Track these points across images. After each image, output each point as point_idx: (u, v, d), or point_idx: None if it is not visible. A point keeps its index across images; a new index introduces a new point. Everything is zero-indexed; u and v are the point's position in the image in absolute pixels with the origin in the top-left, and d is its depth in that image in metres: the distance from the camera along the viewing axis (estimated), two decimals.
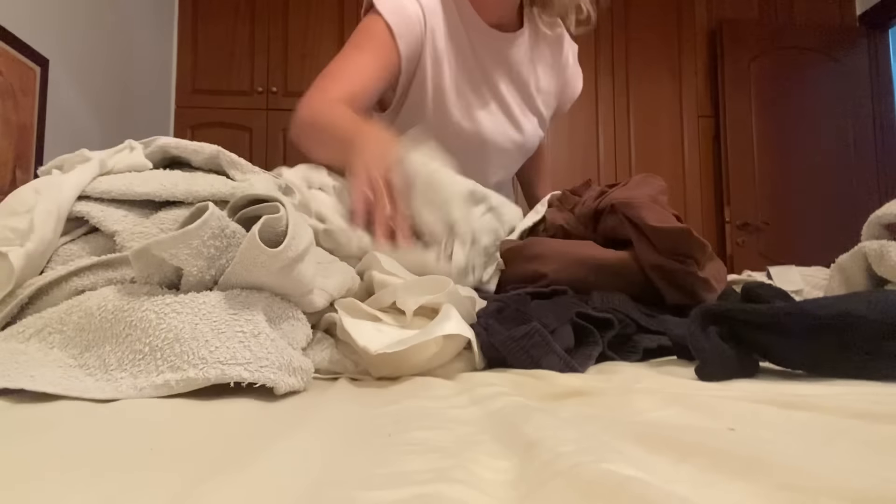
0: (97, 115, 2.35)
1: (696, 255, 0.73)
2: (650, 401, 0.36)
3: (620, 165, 3.09)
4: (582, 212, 0.87)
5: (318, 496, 0.21)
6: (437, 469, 0.24)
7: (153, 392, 0.39)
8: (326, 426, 0.33)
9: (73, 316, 0.45)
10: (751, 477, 0.21)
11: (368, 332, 0.52)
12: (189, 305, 0.42)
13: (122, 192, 0.56)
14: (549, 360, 0.54)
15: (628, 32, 3.14)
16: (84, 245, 0.55)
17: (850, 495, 0.18)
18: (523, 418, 0.31)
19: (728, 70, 3.07)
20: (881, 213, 0.68)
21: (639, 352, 0.64)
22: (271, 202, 0.47)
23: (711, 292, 0.73)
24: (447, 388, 0.46)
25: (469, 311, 0.62)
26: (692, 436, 0.26)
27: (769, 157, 3.06)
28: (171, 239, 0.43)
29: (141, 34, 2.68)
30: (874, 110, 3.16)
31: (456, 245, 0.68)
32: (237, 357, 0.40)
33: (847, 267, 0.67)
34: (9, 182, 1.95)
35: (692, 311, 0.49)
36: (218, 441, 0.31)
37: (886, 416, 0.29)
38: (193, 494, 0.21)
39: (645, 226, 0.73)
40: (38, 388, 0.38)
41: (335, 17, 2.98)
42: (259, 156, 2.84)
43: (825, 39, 3.15)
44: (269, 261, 0.43)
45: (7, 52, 1.87)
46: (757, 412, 0.32)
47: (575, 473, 0.20)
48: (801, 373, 0.48)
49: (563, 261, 0.77)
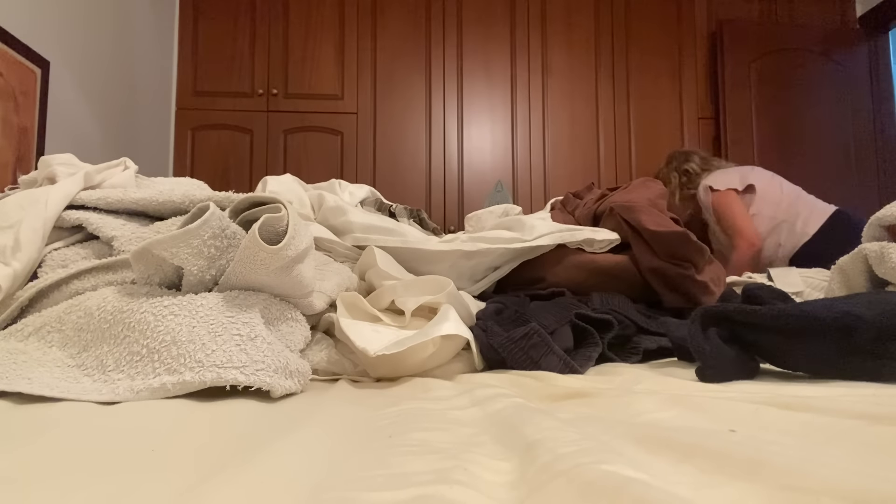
0: (98, 116, 2.35)
1: (694, 259, 0.73)
2: (651, 402, 0.36)
3: (620, 167, 3.09)
4: (582, 213, 0.87)
5: (318, 497, 0.21)
6: (438, 470, 0.23)
7: (150, 395, 0.39)
8: (327, 427, 0.33)
9: (73, 315, 0.45)
10: (752, 478, 0.20)
11: (366, 333, 0.51)
12: (187, 308, 0.42)
13: (119, 198, 0.56)
14: (548, 361, 0.54)
15: (628, 34, 3.14)
16: (80, 250, 0.55)
17: (850, 495, 0.18)
18: (523, 419, 0.31)
19: (728, 71, 3.07)
20: (881, 215, 0.68)
21: (639, 353, 0.64)
22: (272, 204, 0.48)
23: (709, 296, 0.73)
24: (447, 389, 0.46)
25: (468, 313, 0.62)
26: (693, 437, 0.26)
27: (769, 158, 3.06)
28: (171, 238, 0.43)
29: (142, 36, 2.68)
30: (874, 112, 3.16)
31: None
32: (233, 360, 0.40)
33: (847, 269, 0.66)
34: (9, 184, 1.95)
35: (693, 313, 0.49)
36: (219, 442, 0.30)
37: (886, 418, 0.29)
38: (195, 494, 0.21)
39: (643, 230, 0.73)
40: (35, 391, 0.38)
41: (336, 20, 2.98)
42: (260, 157, 2.84)
43: (825, 41, 3.15)
44: (269, 258, 0.43)
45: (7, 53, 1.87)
46: (757, 413, 0.32)
47: (575, 474, 0.20)
48: (801, 374, 0.48)
49: (562, 264, 0.77)
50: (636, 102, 3.12)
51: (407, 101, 3.02)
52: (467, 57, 3.07)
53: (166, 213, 0.58)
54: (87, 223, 0.55)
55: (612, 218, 0.79)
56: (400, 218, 0.85)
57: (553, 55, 3.08)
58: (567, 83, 3.09)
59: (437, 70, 3.03)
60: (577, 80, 3.09)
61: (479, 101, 3.06)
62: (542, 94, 3.08)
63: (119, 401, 0.38)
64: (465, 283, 0.76)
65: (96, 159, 0.68)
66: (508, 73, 3.06)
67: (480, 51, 3.06)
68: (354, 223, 0.75)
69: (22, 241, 0.50)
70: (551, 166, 3.06)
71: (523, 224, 0.81)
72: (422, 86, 3.03)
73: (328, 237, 0.73)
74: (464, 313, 0.59)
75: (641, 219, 0.74)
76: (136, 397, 0.38)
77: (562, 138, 3.07)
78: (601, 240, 0.77)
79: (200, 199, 0.56)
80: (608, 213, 0.80)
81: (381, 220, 0.78)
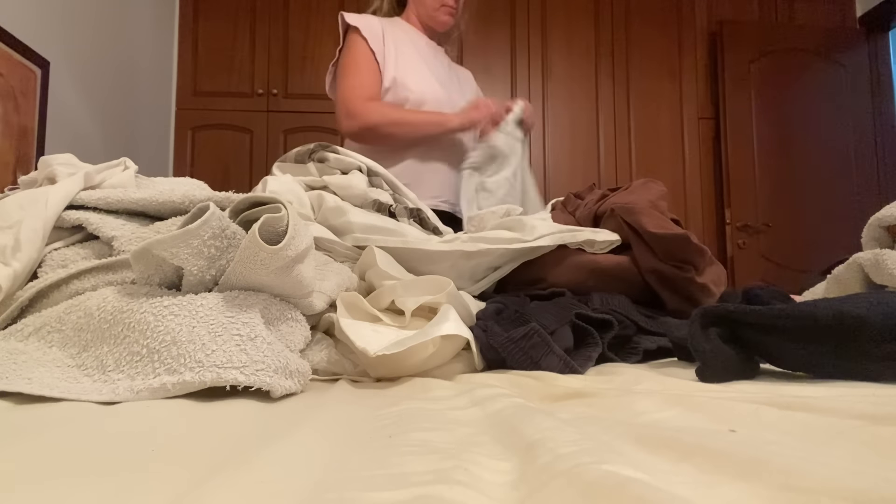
0: (98, 116, 2.35)
1: (694, 261, 0.73)
2: (651, 402, 0.36)
3: (621, 167, 3.09)
4: (583, 214, 0.87)
5: (318, 497, 0.21)
6: (438, 470, 0.23)
7: (150, 395, 0.39)
8: (327, 427, 0.33)
9: (73, 315, 0.45)
10: (752, 478, 0.20)
11: (366, 333, 0.51)
12: (187, 308, 0.42)
13: (119, 198, 0.56)
14: (548, 361, 0.54)
15: (628, 34, 3.14)
16: (79, 250, 0.55)
17: (850, 495, 0.18)
18: (523, 419, 0.31)
19: (728, 71, 3.07)
20: (881, 216, 0.68)
21: (639, 353, 0.64)
22: (272, 204, 0.48)
23: (710, 297, 0.73)
24: (447, 389, 0.46)
25: (468, 312, 0.62)
26: (693, 437, 0.26)
27: (770, 158, 3.06)
28: (171, 238, 0.43)
29: (142, 36, 2.68)
30: (874, 112, 3.16)
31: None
32: (233, 360, 0.40)
33: (844, 278, 0.66)
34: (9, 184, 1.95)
35: (693, 313, 0.49)
36: (219, 442, 0.30)
37: (886, 418, 0.29)
38: (195, 494, 0.21)
39: (644, 231, 0.73)
40: (35, 391, 0.38)
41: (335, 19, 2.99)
42: (259, 157, 2.84)
43: (825, 41, 3.15)
44: (269, 258, 0.43)
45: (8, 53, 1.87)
46: (757, 413, 0.32)
47: (575, 474, 0.20)
48: (801, 374, 0.48)
49: (563, 264, 0.77)
50: (636, 103, 3.12)
51: None
52: (467, 57, 3.07)
53: (166, 213, 0.58)
54: (87, 223, 0.55)
55: (613, 219, 0.79)
56: (400, 218, 0.85)
57: (553, 56, 3.08)
58: (567, 84, 3.09)
59: None
60: (577, 81, 3.09)
61: None
62: (543, 94, 3.08)
63: (119, 401, 0.38)
64: (466, 283, 0.76)
65: (96, 159, 0.68)
66: (508, 74, 3.06)
67: (480, 51, 3.06)
68: (354, 223, 0.75)
69: (22, 241, 0.50)
70: (551, 166, 3.06)
71: (524, 224, 0.81)
72: None
73: (328, 237, 0.73)
74: (464, 313, 0.59)
75: (642, 220, 0.74)
76: (136, 397, 0.38)
77: (562, 138, 3.07)
78: (602, 240, 0.77)
79: (200, 199, 0.56)
80: (609, 213, 0.80)
81: (381, 221, 0.78)
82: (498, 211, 0.96)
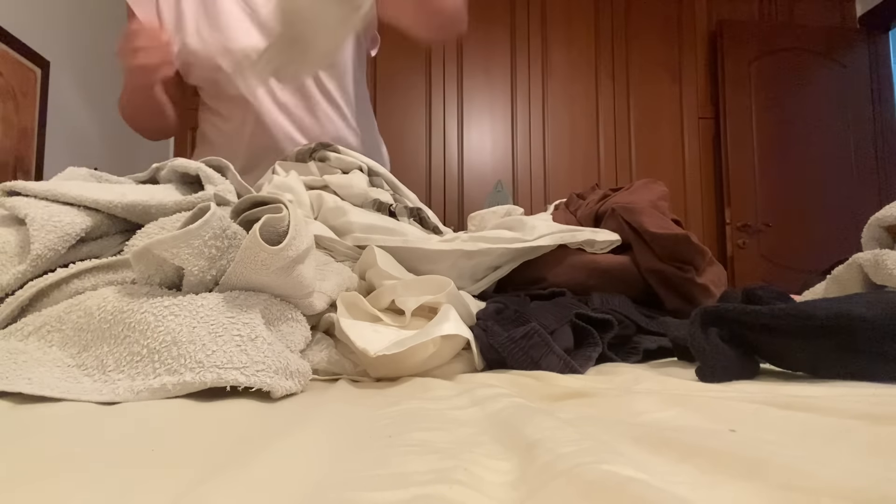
0: (98, 117, 2.35)
1: (695, 262, 0.73)
2: (651, 402, 0.36)
3: (621, 167, 3.09)
4: (583, 214, 0.87)
5: (318, 497, 0.21)
6: (438, 470, 0.23)
7: (150, 395, 0.39)
8: (326, 427, 0.33)
9: (73, 315, 0.45)
10: (752, 478, 0.21)
11: (366, 333, 0.51)
12: (187, 308, 0.42)
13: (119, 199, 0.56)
14: (548, 361, 0.54)
15: (628, 34, 3.14)
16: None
17: (850, 495, 0.18)
18: (523, 419, 0.31)
19: (728, 71, 3.07)
20: (881, 216, 0.68)
21: (639, 353, 0.64)
22: (274, 204, 0.48)
23: (710, 297, 0.73)
24: (447, 389, 0.46)
25: (469, 312, 0.62)
26: (693, 437, 0.26)
27: (770, 158, 3.06)
28: (172, 238, 0.43)
29: None
30: (874, 111, 3.16)
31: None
32: (234, 361, 0.40)
33: (844, 278, 0.66)
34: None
35: (693, 313, 0.49)
36: (219, 442, 0.31)
37: (887, 417, 0.29)
38: (195, 494, 0.21)
39: (644, 231, 0.73)
40: (35, 391, 0.38)
41: None
42: None
43: (825, 41, 3.15)
44: (270, 259, 0.43)
45: (8, 53, 1.87)
46: (757, 413, 0.32)
47: (575, 474, 0.20)
48: (801, 374, 0.48)
49: (563, 264, 0.77)
50: (636, 102, 3.12)
51: (407, 102, 3.02)
52: (467, 57, 3.07)
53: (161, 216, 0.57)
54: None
55: (614, 219, 0.79)
56: (400, 217, 0.85)
57: (553, 55, 3.08)
58: (567, 83, 3.09)
59: (437, 70, 3.03)
60: (577, 80, 3.09)
61: (479, 101, 3.06)
62: (542, 93, 3.08)
63: (119, 401, 0.38)
64: (466, 283, 0.76)
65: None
66: (508, 73, 3.06)
67: (480, 51, 3.05)
68: (355, 223, 0.76)
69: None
70: (551, 166, 3.06)
71: (524, 224, 0.81)
72: (422, 86, 3.03)
73: (329, 236, 0.74)
74: (464, 313, 0.59)
75: (643, 220, 0.74)
76: (136, 398, 0.38)
77: (562, 138, 3.07)
78: (602, 240, 0.77)
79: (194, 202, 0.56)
80: (609, 213, 0.80)
81: (381, 220, 0.78)
82: (499, 210, 0.96)
